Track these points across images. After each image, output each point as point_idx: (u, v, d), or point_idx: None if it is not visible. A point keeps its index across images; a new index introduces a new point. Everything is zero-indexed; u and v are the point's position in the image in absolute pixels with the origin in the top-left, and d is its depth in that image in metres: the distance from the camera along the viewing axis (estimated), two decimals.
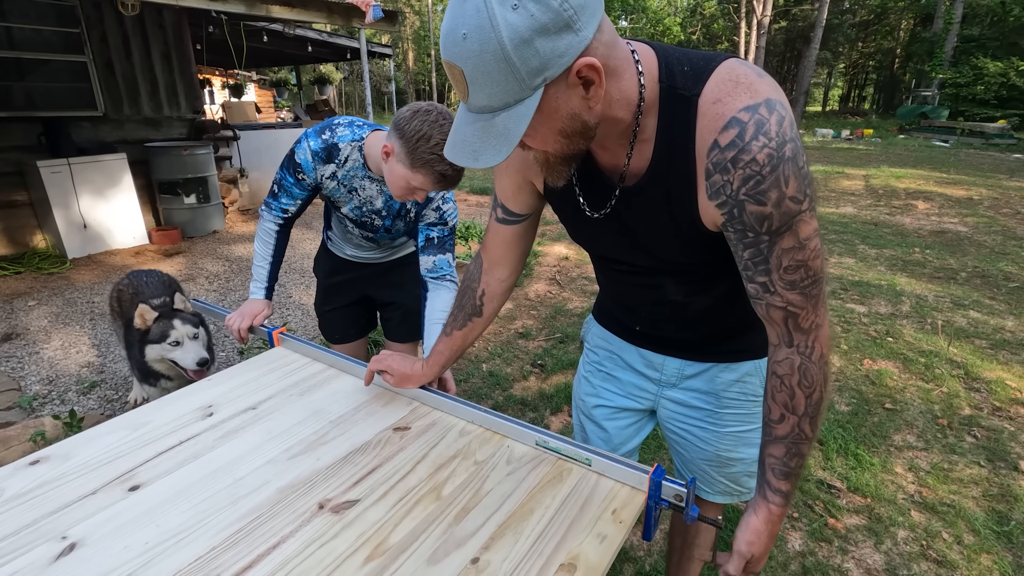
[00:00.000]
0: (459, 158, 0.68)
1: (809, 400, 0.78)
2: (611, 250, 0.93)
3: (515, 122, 0.63)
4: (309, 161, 1.48)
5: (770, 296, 0.75)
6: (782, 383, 0.79)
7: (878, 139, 16.55)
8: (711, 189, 0.71)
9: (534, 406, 2.61)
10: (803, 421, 0.79)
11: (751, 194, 0.68)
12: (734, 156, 0.67)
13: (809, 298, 0.74)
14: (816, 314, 0.75)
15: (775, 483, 0.82)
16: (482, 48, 0.58)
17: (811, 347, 0.76)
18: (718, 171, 0.69)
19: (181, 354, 1.86)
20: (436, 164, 1.21)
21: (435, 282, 1.47)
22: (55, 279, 4.39)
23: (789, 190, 0.67)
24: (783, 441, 0.80)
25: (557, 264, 4.82)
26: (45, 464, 0.97)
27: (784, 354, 0.78)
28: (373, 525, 0.83)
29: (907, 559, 1.77)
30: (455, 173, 1.24)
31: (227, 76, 13.71)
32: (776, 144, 0.66)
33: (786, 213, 0.68)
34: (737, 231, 0.72)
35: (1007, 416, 2.55)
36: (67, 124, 4.97)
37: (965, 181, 8.87)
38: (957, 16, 20.50)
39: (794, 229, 0.70)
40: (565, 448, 0.97)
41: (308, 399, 1.18)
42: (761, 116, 0.66)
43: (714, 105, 0.68)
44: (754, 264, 0.74)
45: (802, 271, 0.72)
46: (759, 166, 0.66)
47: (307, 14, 4.99)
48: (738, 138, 0.66)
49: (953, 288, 4.23)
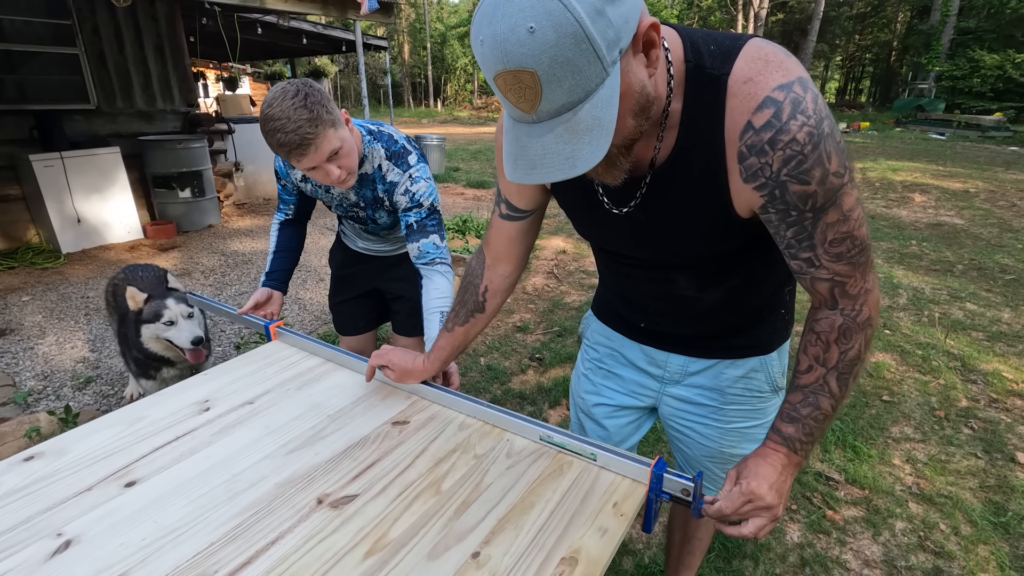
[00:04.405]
0: (549, 174, 0.60)
1: (843, 356, 0.74)
2: (623, 245, 0.89)
3: (603, 108, 0.57)
4: (282, 167, 1.58)
5: (815, 270, 0.72)
6: (818, 338, 0.75)
7: (875, 132, 16.55)
8: (747, 172, 0.68)
9: (532, 399, 2.61)
10: (830, 375, 0.74)
11: (793, 174, 0.66)
12: (772, 137, 0.65)
13: (857, 266, 0.71)
14: (865, 280, 0.73)
15: (777, 423, 0.78)
16: (559, 35, 0.52)
17: (858, 310, 0.74)
18: (753, 154, 0.66)
19: (176, 333, 1.85)
20: (269, 137, 1.20)
21: (426, 268, 1.44)
22: (49, 274, 4.36)
23: (832, 166, 0.65)
24: (802, 389, 0.76)
25: (555, 258, 4.81)
26: (40, 460, 0.96)
27: (825, 314, 0.75)
28: (372, 520, 0.82)
29: (905, 550, 1.78)
30: (291, 134, 1.18)
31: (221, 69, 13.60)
32: (815, 122, 0.64)
33: (830, 189, 0.66)
34: (779, 211, 0.69)
35: (1004, 408, 2.56)
36: (59, 117, 4.92)
37: (961, 174, 8.88)
38: (954, 8, 20.49)
39: (838, 203, 0.68)
40: (569, 443, 0.96)
41: (306, 393, 1.17)
42: (796, 95, 0.63)
43: (745, 85, 0.65)
44: (798, 242, 0.71)
45: (848, 242, 0.70)
46: (800, 145, 0.64)
47: (302, 5, 4.95)
48: (774, 118, 0.64)
49: (950, 280, 4.24)
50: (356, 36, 6.15)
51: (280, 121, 1.17)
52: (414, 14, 40.55)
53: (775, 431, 0.78)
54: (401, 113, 30.47)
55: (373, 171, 1.48)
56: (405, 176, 1.46)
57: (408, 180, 1.46)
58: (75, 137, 5.02)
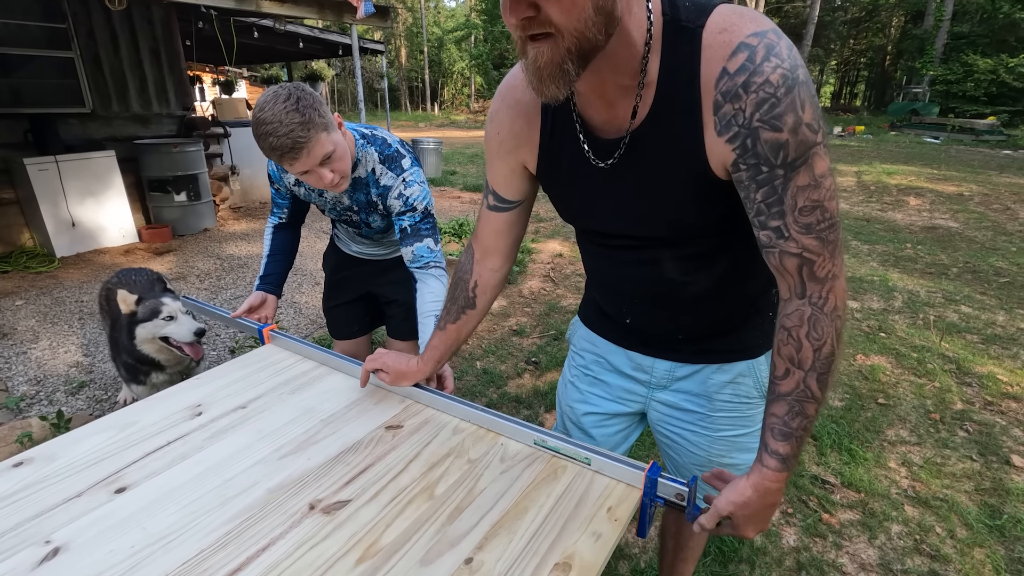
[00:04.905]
0: None
1: (817, 354, 0.72)
2: (607, 219, 0.87)
3: None
4: (275, 171, 1.58)
5: (784, 242, 0.71)
6: (789, 335, 0.74)
7: (870, 135, 16.64)
8: (721, 123, 0.68)
9: (528, 403, 2.60)
10: (809, 377, 0.73)
11: (766, 119, 0.65)
12: (745, 80, 0.64)
13: (826, 244, 0.70)
14: (833, 262, 0.71)
15: (772, 444, 0.76)
16: None
17: (824, 298, 0.72)
18: (728, 100, 0.66)
19: (176, 328, 1.84)
20: (261, 141, 1.20)
21: (420, 272, 1.44)
22: (43, 278, 4.33)
23: (806, 115, 0.64)
24: (786, 399, 0.75)
25: (551, 261, 4.81)
26: (29, 466, 0.95)
27: (795, 306, 0.74)
28: (365, 526, 0.81)
29: (901, 554, 1.78)
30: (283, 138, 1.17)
31: (217, 73, 13.59)
32: (789, 66, 0.64)
33: (803, 143, 0.65)
34: (750, 167, 0.68)
35: (999, 410, 2.56)
36: (54, 121, 4.91)
37: (956, 177, 8.93)
38: (947, 13, 20.65)
39: (810, 163, 0.66)
40: (563, 447, 0.96)
41: (299, 397, 1.16)
42: (771, 40, 0.64)
43: (720, 35, 0.66)
44: (767, 207, 0.70)
45: (818, 212, 0.68)
46: (773, 87, 0.64)
47: (298, 9, 4.94)
48: (748, 61, 0.64)
49: (945, 283, 4.26)
50: (352, 40, 6.14)
51: (272, 125, 1.17)
52: (411, 18, 40.63)
53: (770, 453, 0.76)
54: (398, 117, 30.50)
55: (367, 175, 1.48)
56: (399, 180, 1.46)
57: (402, 184, 1.46)
58: (70, 141, 5.01)
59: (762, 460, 0.77)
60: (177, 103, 5.98)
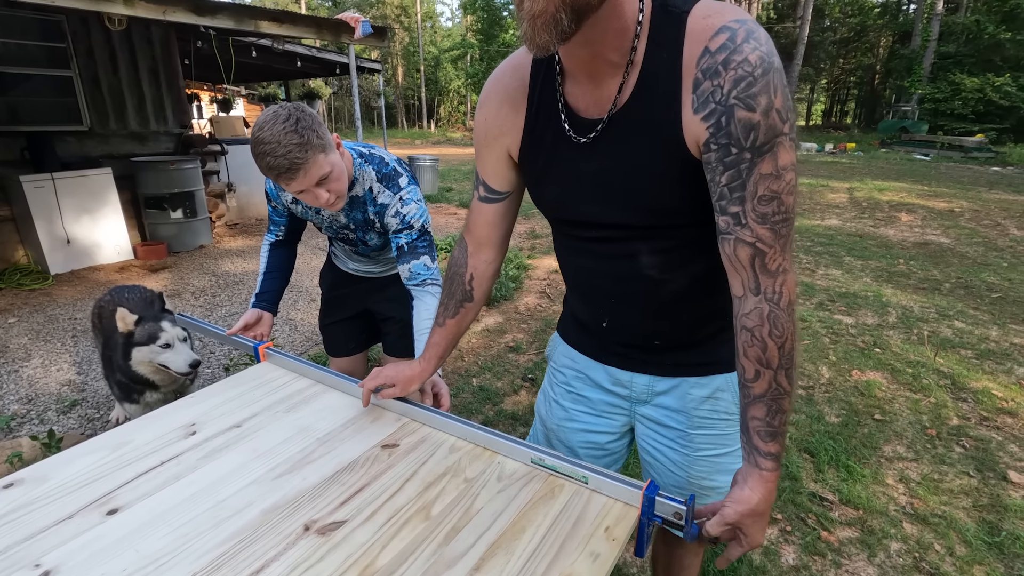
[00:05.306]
0: None
1: (782, 351, 0.75)
2: (583, 204, 0.87)
3: None
4: (272, 189, 1.58)
5: (740, 230, 0.74)
6: (752, 336, 0.76)
7: (860, 153, 16.87)
8: (698, 100, 0.71)
9: (525, 420, 2.59)
10: (779, 374, 0.76)
11: (742, 97, 0.68)
12: (726, 58, 0.68)
13: (779, 236, 0.73)
14: (783, 256, 0.74)
15: (763, 446, 0.78)
16: None
17: (779, 292, 0.75)
18: (708, 77, 0.70)
19: (172, 356, 1.82)
20: (260, 160, 1.21)
21: (417, 289, 1.44)
22: (36, 295, 4.31)
23: (777, 101, 0.68)
24: (762, 400, 0.77)
25: (547, 277, 4.82)
26: (19, 487, 0.93)
27: (752, 304, 0.76)
28: (360, 547, 0.80)
29: (900, 572, 1.77)
30: (281, 159, 1.18)
31: (215, 91, 13.69)
32: (767, 50, 0.68)
33: (771, 127, 0.69)
34: (721, 147, 0.71)
35: (995, 426, 2.57)
36: (51, 139, 4.92)
37: (946, 193, 9.04)
38: (934, 34, 21.09)
39: (775, 152, 0.70)
40: (560, 465, 0.95)
41: (295, 416, 1.15)
42: (751, 27, 0.69)
43: (704, 19, 0.71)
44: (730, 191, 0.73)
45: (775, 203, 0.72)
46: (751, 67, 0.68)
47: (296, 30, 5.01)
48: (729, 41, 0.69)
49: (938, 299, 4.29)
50: (350, 59, 6.21)
51: (270, 145, 1.18)
52: (408, 37, 41.17)
53: (764, 455, 0.78)
54: (395, 134, 30.72)
55: (364, 193, 1.49)
56: (396, 198, 1.47)
57: (399, 202, 1.46)
58: (67, 158, 5.02)
59: (757, 463, 0.79)
60: (175, 121, 6.02)
